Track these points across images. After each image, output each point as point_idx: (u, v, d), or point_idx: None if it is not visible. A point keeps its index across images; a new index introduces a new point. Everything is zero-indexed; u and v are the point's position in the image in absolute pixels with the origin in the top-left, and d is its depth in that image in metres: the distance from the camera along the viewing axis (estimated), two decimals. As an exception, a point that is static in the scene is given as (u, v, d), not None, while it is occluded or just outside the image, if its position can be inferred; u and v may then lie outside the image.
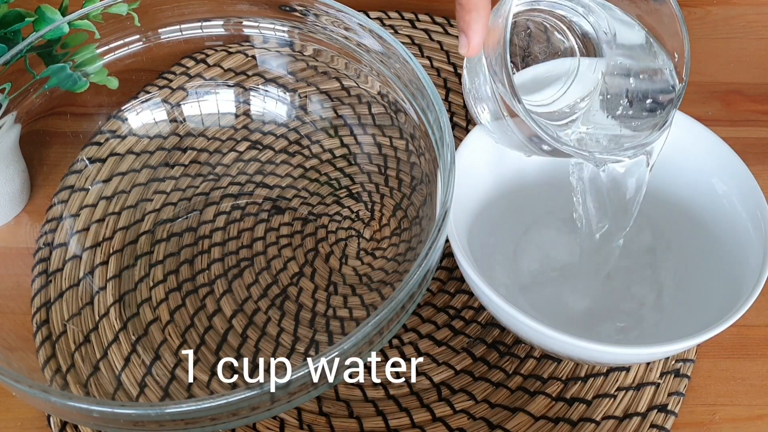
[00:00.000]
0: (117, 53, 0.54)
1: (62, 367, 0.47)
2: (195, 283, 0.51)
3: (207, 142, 0.57)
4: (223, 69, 0.59)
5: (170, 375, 0.47)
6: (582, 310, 0.48)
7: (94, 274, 0.51)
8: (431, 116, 0.46)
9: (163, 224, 0.53)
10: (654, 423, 0.45)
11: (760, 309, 0.50)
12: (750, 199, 0.46)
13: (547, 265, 0.50)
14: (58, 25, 0.49)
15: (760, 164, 0.56)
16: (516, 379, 0.47)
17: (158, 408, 0.36)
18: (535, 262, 0.50)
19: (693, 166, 0.49)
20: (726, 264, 0.46)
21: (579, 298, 0.48)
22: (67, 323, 0.48)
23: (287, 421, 0.46)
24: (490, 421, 0.45)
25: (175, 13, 0.54)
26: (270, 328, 0.49)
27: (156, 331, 0.49)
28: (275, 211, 0.54)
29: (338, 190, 0.55)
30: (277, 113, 0.58)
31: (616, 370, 0.47)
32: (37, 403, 0.39)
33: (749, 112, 0.60)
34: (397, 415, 0.46)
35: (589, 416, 0.45)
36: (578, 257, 0.49)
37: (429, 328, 0.49)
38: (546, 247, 0.50)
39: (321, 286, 0.51)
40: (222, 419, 0.37)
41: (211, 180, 0.56)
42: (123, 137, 0.56)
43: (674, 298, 0.47)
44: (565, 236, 0.50)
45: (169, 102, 0.57)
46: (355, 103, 0.57)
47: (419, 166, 0.52)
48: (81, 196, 0.54)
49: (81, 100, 0.54)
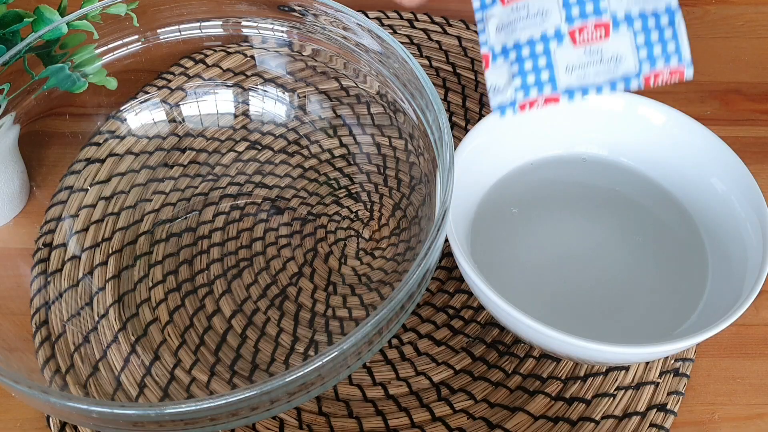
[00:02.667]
0: (116, 53, 0.54)
1: (61, 367, 0.47)
2: (194, 284, 0.51)
3: (206, 142, 0.57)
4: (222, 69, 0.59)
5: (170, 375, 0.47)
6: (581, 310, 0.48)
7: (93, 275, 0.51)
8: (430, 116, 0.46)
9: (162, 225, 0.53)
10: (653, 422, 0.45)
11: (759, 308, 0.50)
12: (749, 198, 0.46)
13: (547, 265, 0.50)
14: (56, 26, 0.49)
15: (759, 163, 0.56)
16: (515, 379, 0.47)
17: (158, 408, 0.36)
18: (534, 261, 0.50)
19: (692, 165, 0.49)
20: (725, 263, 0.46)
21: (579, 298, 0.48)
22: (66, 324, 0.48)
23: (287, 422, 0.46)
24: (489, 421, 0.45)
25: (173, 13, 0.54)
26: (269, 328, 0.49)
27: (155, 332, 0.49)
28: (274, 211, 0.54)
29: (337, 190, 0.55)
30: (276, 113, 0.58)
31: (616, 370, 0.47)
32: (36, 404, 0.39)
33: (748, 112, 0.60)
34: (397, 415, 0.46)
35: (588, 415, 0.45)
36: (578, 256, 0.49)
37: (428, 328, 0.49)
38: (546, 246, 0.50)
39: (320, 286, 0.51)
40: (221, 419, 0.37)
41: (210, 180, 0.56)
42: (122, 138, 0.56)
43: (673, 297, 0.47)
44: (566, 236, 0.50)
45: (167, 102, 0.57)
46: (354, 103, 0.57)
47: (418, 166, 0.52)
48: (80, 196, 0.54)
49: (80, 101, 0.54)
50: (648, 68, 0.31)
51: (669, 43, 0.31)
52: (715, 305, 0.44)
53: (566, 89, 0.32)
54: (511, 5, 0.31)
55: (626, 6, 0.31)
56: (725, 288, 0.44)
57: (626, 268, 0.49)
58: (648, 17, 0.31)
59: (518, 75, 0.31)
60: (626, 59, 0.31)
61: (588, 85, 0.31)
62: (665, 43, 0.31)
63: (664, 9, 0.31)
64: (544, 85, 0.31)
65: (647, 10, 0.31)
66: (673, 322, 0.46)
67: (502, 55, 0.32)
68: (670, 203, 0.50)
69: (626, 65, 0.31)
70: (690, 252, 0.48)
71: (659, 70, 0.31)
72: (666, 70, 0.31)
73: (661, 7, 0.31)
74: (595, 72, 0.31)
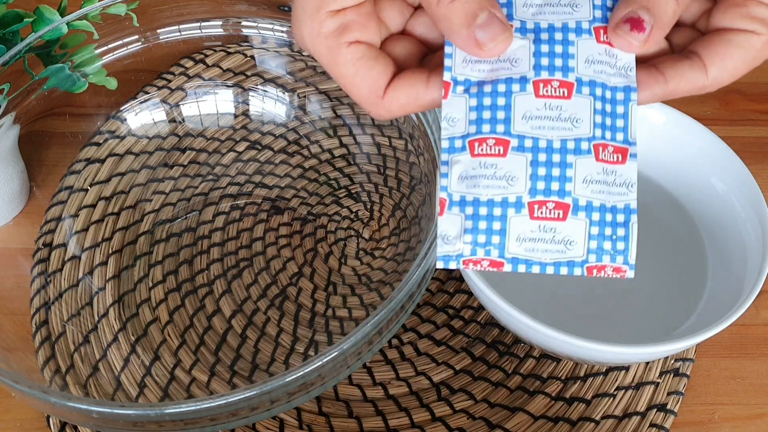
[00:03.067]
0: (116, 53, 0.54)
1: (61, 367, 0.47)
2: (194, 284, 0.51)
3: (206, 142, 0.57)
4: (222, 69, 0.59)
5: (170, 375, 0.47)
6: (581, 310, 0.48)
7: (93, 275, 0.51)
8: (430, 116, 0.46)
9: (162, 225, 0.53)
10: (653, 422, 0.45)
11: (760, 308, 0.50)
12: (749, 197, 0.46)
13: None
14: (56, 26, 0.49)
15: (759, 163, 0.56)
16: (515, 379, 0.47)
17: (158, 408, 0.36)
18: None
19: (692, 165, 0.49)
20: (725, 263, 0.46)
21: (578, 298, 0.48)
22: (66, 324, 0.48)
23: (287, 421, 0.46)
24: (489, 421, 0.45)
25: (173, 13, 0.54)
26: (269, 328, 0.49)
27: (155, 332, 0.49)
28: (274, 211, 0.54)
29: (337, 190, 0.55)
30: (276, 113, 0.58)
31: (616, 370, 0.47)
32: (36, 404, 0.39)
33: (748, 112, 0.60)
34: (397, 415, 0.46)
35: (588, 415, 0.45)
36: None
37: (428, 328, 0.49)
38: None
39: (320, 286, 0.51)
40: (221, 419, 0.37)
41: (210, 180, 0.56)
42: (122, 138, 0.56)
43: (673, 297, 0.47)
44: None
45: (168, 102, 0.57)
46: (354, 103, 0.57)
47: (418, 166, 0.52)
48: (80, 196, 0.54)
49: (80, 101, 0.54)
50: (594, 259, 0.31)
51: (619, 242, 0.31)
52: (715, 305, 0.44)
53: (512, 258, 0.31)
54: (479, 159, 0.31)
55: (589, 194, 0.31)
56: (725, 288, 0.44)
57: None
58: (607, 210, 0.31)
59: (470, 232, 0.31)
60: (576, 245, 0.31)
61: (534, 260, 0.31)
62: (615, 241, 0.31)
63: (623, 206, 0.31)
64: (492, 249, 0.31)
65: (608, 203, 0.31)
66: (673, 322, 0.46)
67: (459, 206, 0.31)
68: (670, 203, 0.50)
69: (575, 251, 0.31)
70: (690, 252, 0.48)
71: (604, 264, 0.31)
72: (609, 267, 0.31)
73: (621, 204, 0.31)
74: (544, 249, 0.31)
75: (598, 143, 0.31)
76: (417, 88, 0.30)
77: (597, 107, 0.31)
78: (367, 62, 0.30)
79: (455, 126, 0.31)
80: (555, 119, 0.31)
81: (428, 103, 0.31)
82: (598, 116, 0.31)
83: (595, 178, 0.31)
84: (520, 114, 0.31)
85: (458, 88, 0.31)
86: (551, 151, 0.31)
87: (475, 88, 0.31)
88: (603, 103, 0.31)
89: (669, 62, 0.30)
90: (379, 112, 0.31)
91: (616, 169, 0.31)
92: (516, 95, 0.31)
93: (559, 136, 0.31)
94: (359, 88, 0.30)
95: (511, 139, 0.31)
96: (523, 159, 0.31)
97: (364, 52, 0.30)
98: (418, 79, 0.30)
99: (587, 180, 0.31)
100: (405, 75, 0.30)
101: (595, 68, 0.31)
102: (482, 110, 0.31)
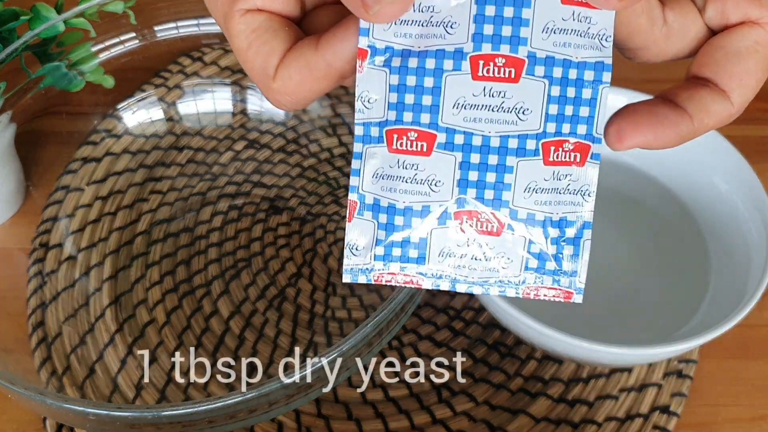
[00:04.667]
0: (113, 51, 0.53)
1: (58, 369, 0.46)
2: (192, 284, 0.50)
3: (204, 141, 0.57)
4: (220, 67, 0.59)
5: (167, 377, 0.46)
6: (583, 311, 0.47)
7: (89, 276, 0.50)
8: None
9: (160, 225, 0.53)
10: (656, 424, 0.45)
11: (763, 309, 0.50)
12: (753, 197, 0.45)
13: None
14: (53, 24, 0.49)
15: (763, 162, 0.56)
16: (517, 381, 0.47)
17: (155, 410, 0.36)
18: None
19: (695, 164, 0.48)
20: (728, 263, 0.46)
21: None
22: (62, 325, 0.48)
23: (285, 424, 0.45)
24: (490, 423, 0.45)
25: (171, 10, 0.54)
26: (268, 330, 0.48)
27: (152, 333, 0.48)
28: (273, 211, 0.54)
29: (337, 190, 0.55)
30: (275, 112, 0.58)
31: (619, 371, 0.47)
32: (32, 406, 0.39)
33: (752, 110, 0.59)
34: (397, 418, 0.45)
35: (591, 418, 0.45)
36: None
37: (429, 329, 0.49)
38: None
39: (319, 286, 0.50)
40: (219, 422, 0.37)
41: (208, 180, 0.55)
42: (119, 136, 0.56)
43: (676, 298, 0.47)
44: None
45: (165, 101, 0.57)
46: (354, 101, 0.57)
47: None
48: (76, 196, 0.54)
49: (76, 99, 0.54)
50: (533, 281, 0.26)
51: (565, 262, 0.26)
52: (718, 306, 0.44)
53: (433, 275, 0.26)
54: (398, 157, 0.25)
55: (531, 206, 0.25)
56: (729, 288, 0.44)
57: (628, 268, 0.49)
58: (551, 225, 0.26)
59: (382, 244, 0.25)
60: (512, 264, 0.26)
61: (460, 279, 0.26)
62: (560, 261, 0.26)
63: (575, 219, 0.26)
64: (409, 263, 0.26)
65: (554, 215, 0.26)
66: (676, 323, 0.45)
67: (372, 211, 0.25)
68: (673, 203, 0.50)
69: (509, 270, 0.26)
70: (693, 252, 0.48)
71: (544, 286, 0.26)
72: (551, 290, 0.26)
73: (572, 217, 0.26)
74: (472, 267, 0.26)
75: (550, 141, 0.25)
76: (306, 55, 0.24)
77: (553, 93, 0.25)
78: (262, 35, 0.24)
79: (372, 109, 0.26)
80: (496, 109, 0.25)
81: (324, 72, 0.25)
82: (553, 106, 0.25)
83: (541, 186, 0.26)
84: (452, 101, 0.25)
85: (377, 59, 0.25)
86: (487, 151, 0.25)
87: (397, 61, 0.25)
88: (562, 87, 0.25)
89: (685, 94, 0.25)
90: (275, 97, 0.25)
91: (571, 173, 0.26)
92: (448, 75, 0.25)
93: (498, 131, 0.25)
94: (252, 66, 0.25)
95: (438, 134, 0.25)
96: (451, 160, 0.25)
97: (261, 23, 0.24)
98: (308, 45, 0.24)
99: (530, 188, 0.26)
100: (296, 45, 0.24)
101: (556, 39, 0.24)
102: (404, 92, 0.25)
